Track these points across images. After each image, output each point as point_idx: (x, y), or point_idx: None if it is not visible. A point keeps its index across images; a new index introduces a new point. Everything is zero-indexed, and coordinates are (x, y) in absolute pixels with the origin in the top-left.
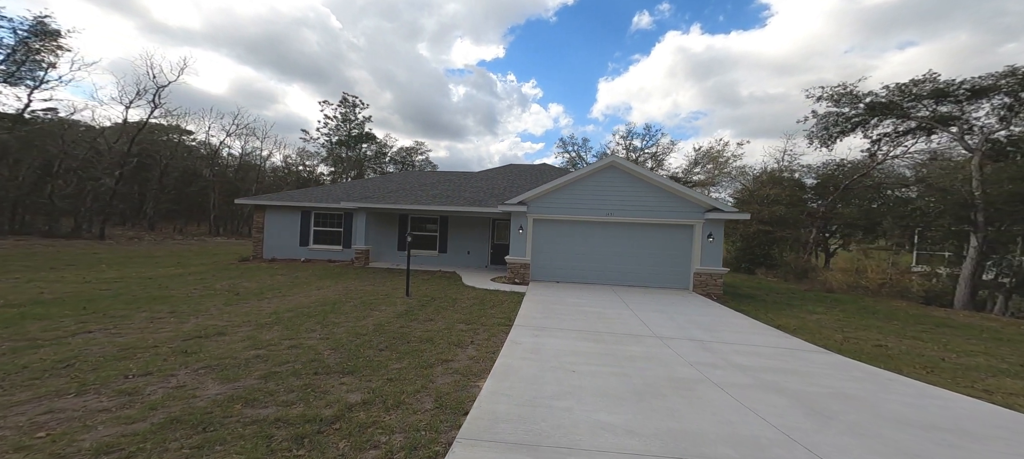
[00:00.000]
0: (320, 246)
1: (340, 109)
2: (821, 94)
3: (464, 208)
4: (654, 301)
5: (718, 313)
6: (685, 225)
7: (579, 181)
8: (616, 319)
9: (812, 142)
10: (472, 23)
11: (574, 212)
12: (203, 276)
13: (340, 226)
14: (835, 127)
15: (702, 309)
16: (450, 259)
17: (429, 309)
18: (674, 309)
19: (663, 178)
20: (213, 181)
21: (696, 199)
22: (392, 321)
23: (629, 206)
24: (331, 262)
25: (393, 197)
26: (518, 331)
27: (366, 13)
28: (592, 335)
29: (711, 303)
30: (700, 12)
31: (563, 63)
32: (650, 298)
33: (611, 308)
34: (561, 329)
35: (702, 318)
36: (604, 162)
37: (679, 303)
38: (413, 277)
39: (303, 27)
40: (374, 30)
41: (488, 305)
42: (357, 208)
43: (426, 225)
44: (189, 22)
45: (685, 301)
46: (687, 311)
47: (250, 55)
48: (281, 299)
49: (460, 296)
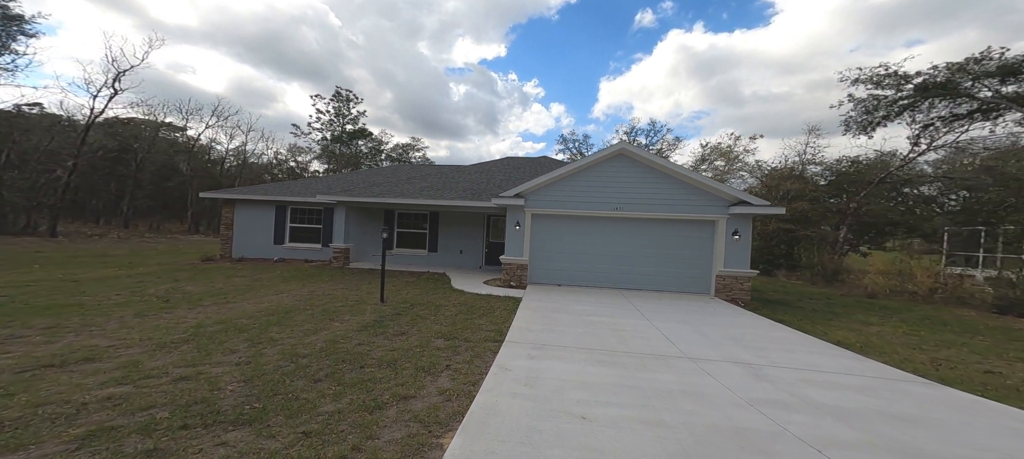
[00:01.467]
0: (297, 244)
1: (333, 103)
2: (858, 76)
3: (454, 202)
4: (673, 309)
5: (755, 324)
6: (706, 221)
7: (584, 171)
8: (632, 333)
9: (848, 129)
10: (473, 22)
11: (578, 206)
12: (145, 279)
13: (319, 223)
14: (877, 111)
15: (733, 319)
16: (441, 259)
17: (404, 319)
18: (700, 319)
19: (681, 167)
20: (191, 176)
21: (720, 191)
22: (351, 336)
23: (641, 199)
24: (308, 262)
25: (377, 190)
26: (510, 350)
27: (365, 11)
28: (606, 356)
29: (741, 311)
30: (703, 10)
31: (564, 62)
32: (668, 305)
33: (624, 317)
34: (565, 347)
35: (738, 331)
36: (612, 149)
37: (703, 311)
38: (396, 279)
39: (301, 25)
40: (373, 28)
41: (477, 313)
42: (336, 202)
43: (414, 222)
44: (186, 20)
45: (710, 309)
46: (716, 322)
47: (249, 53)
48: (221, 307)
49: (445, 302)
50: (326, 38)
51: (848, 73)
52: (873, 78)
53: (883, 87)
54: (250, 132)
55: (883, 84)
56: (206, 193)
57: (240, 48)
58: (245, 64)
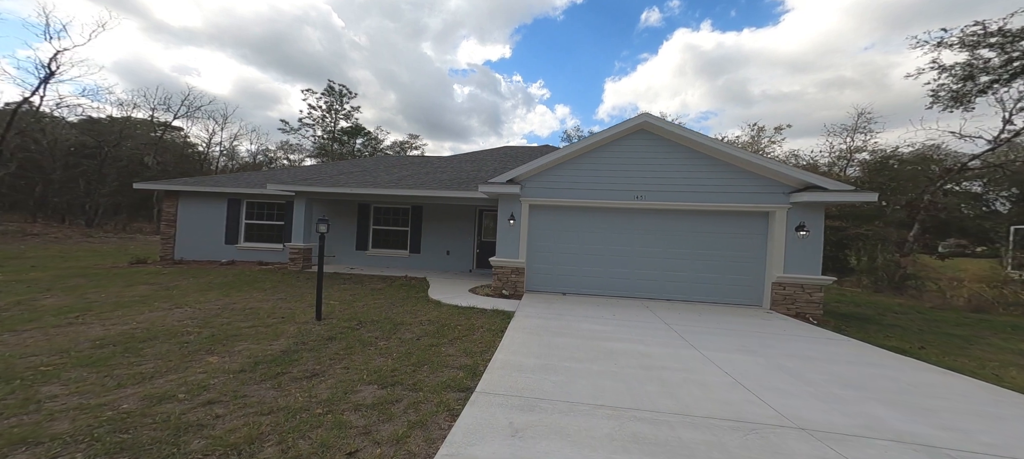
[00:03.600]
0: (254, 244)
1: (325, 98)
2: (942, 39)
3: (438, 193)
4: (723, 329)
5: (863, 356)
6: (757, 212)
7: (595, 151)
8: (679, 372)
9: (935, 101)
10: (478, 22)
11: (588, 195)
12: (33, 285)
13: (281, 219)
14: (984, 76)
15: (822, 347)
16: (424, 261)
17: (333, 348)
18: (772, 347)
19: (724, 143)
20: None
21: (779, 174)
22: (213, 384)
23: (670, 185)
24: (262, 264)
25: (343, 180)
26: (479, 415)
27: (368, 12)
28: (646, 425)
29: (822, 332)
30: (711, 9)
31: (569, 63)
32: (713, 323)
33: (657, 343)
34: (573, 406)
35: (847, 369)
36: (632, 122)
37: (768, 332)
38: (361, 286)
39: (305, 25)
40: (377, 29)
41: (448, 337)
42: (294, 193)
43: (393, 218)
44: (191, 21)
45: (775, 329)
46: (799, 351)
47: (255, 55)
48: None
49: (410, 319)
50: (330, 39)
51: (927, 36)
52: (966, 40)
53: (986, 44)
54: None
55: (980, 45)
56: (141, 184)
57: (246, 50)
58: (251, 66)
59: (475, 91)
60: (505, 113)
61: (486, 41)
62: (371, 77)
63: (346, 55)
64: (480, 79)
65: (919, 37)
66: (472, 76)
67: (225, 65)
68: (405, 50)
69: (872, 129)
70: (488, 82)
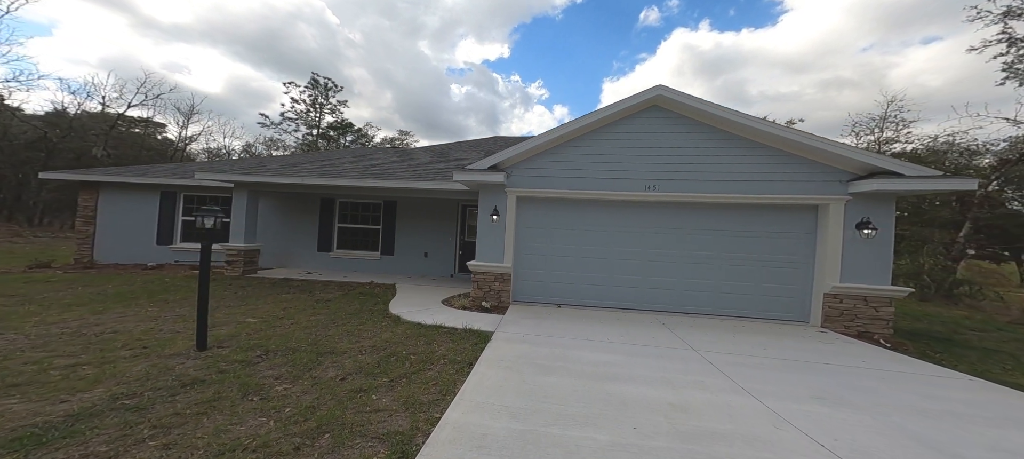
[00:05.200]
0: (193, 244)
1: (309, 92)
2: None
3: (407, 183)
4: (776, 358)
5: (1003, 402)
6: (803, 206)
7: (597, 132)
8: (742, 449)
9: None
10: (476, 21)
11: (588, 185)
12: None
13: (228, 216)
14: None
15: (936, 389)
16: (398, 264)
17: (186, 401)
18: (862, 389)
19: (760, 120)
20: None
21: (835, 156)
22: None
23: (690, 172)
24: (196, 269)
25: (295, 170)
26: None
27: (364, 10)
28: None
29: (912, 363)
30: (710, 9)
31: (568, 62)
32: (757, 348)
33: (692, 385)
34: None
35: (1008, 434)
36: (643, 96)
37: (840, 363)
38: (310, 295)
39: (299, 21)
40: (372, 27)
41: (389, 377)
42: (233, 184)
43: (363, 215)
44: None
45: (846, 357)
46: (907, 398)
47: (249, 53)
48: None
49: (347, 345)
50: (324, 36)
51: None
52: None
53: None
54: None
55: None
56: (48, 173)
57: (239, 47)
58: (244, 63)
59: (473, 90)
60: (503, 113)
61: (484, 40)
62: (367, 75)
63: (341, 53)
64: (478, 78)
65: (979, 7)
66: (469, 75)
67: (218, 62)
68: (401, 49)
69: (904, 119)
70: (486, 81)
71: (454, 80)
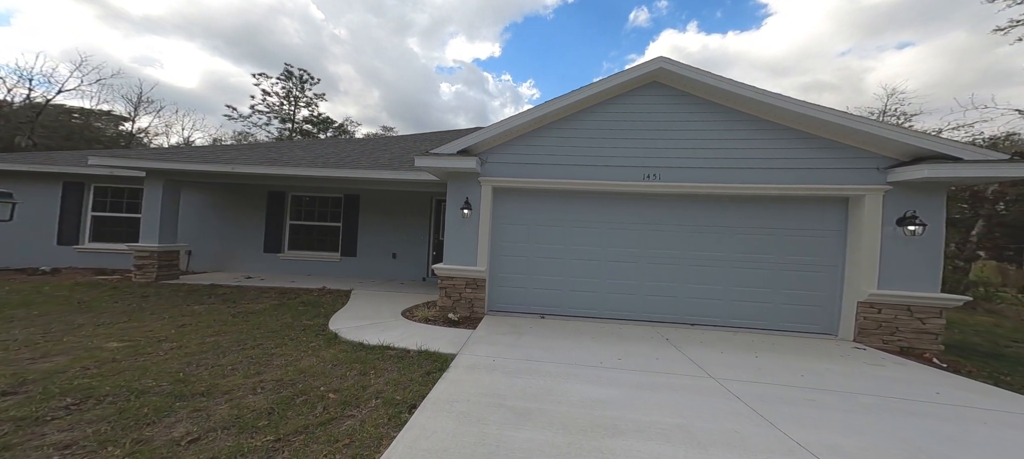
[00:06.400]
0: (105, 245)
1: (282, 84)
2: None
3: (368, 173)
4: (817, 388)
5: None
6: (830, 197)
7: (587, 111)
8: None
9: None
10: (467, 20)
11: (576, 172)
12: None
13: None
14: None
15: None
16: (362, 266)
17: None
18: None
19: (779, 96)
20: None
21: (872, 137)
22: None
23: (696, 159)
24: (102, 274)
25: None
26: None
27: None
28: None
29: (988, 391)
30: (698, 10)
31: (559, 62)
32: (792, 375)
33: (720, 438)
34: None
35: None
36: (644, 69)
37: (907, 395)
38: (234, 304)
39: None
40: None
41: (281, 430)
42: (145, 172)
43: (320, 210)
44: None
45: (909, 386)
46: None
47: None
48: None
49: (241, 379)
50: (308, 31)
51: None
52: None
53: None
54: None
55: None
56: None
57: (218, 41)
58: (224, 58)
59: (462, 89)
60: (494, 111)
61: (475, 39)
62: (354, 73)
63: (327, 49)
64: (467, 76)
65: None
66: (459, 74)
67: (195, 57)
68: (390, 46)
69: (906, 112)
70: (475, 80)
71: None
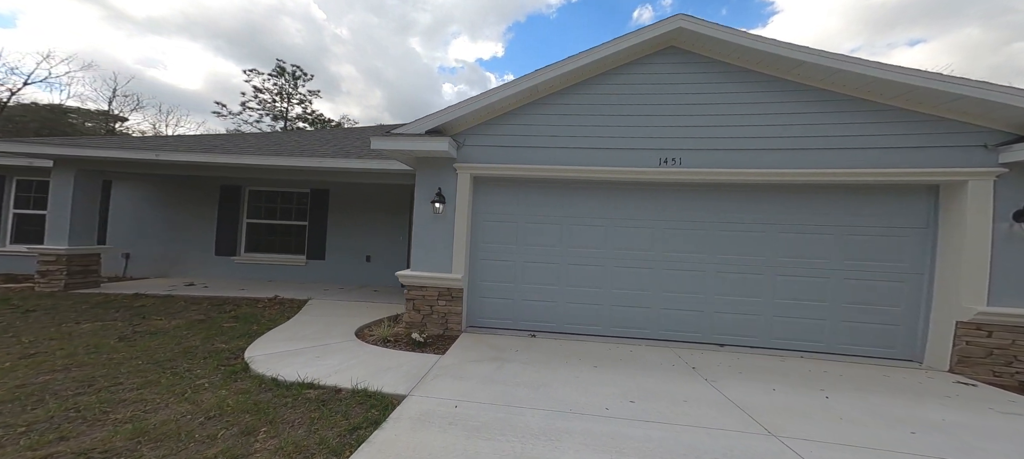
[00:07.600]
0: (29, 246)
1: (274, 80)
2: None
3: (331, 163)
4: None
5: None
6: (912, 185)
7: (589, 83)
8: None
9: None
10: (469, 19)
11: (575, 157)
12: None
13: None
14: None
15: None
16: (331, 271)
17: None
18: None
19: (837, 57)
20: None
21: (973, 102)
22: None
23: (727, 138)
24: (12, 283)
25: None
26: None
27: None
28: None
29: None
30: (703, 8)
31: None
32: (895, 427)
33: None
34: None
35: None
36: (657, 30)
37: None
38: (146, 319)
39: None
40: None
41: None
42: (52, 159)
43: (283, 207)
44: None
45: None
46: None
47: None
48: None
49: (6, 455)
50: (310, 31)
51: None
52: None
53: None
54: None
55: None
56: None
57: (220, 41)
58: (228, 59)
59: (465, 89)
60: None
61: (478, 38)
62: (356, 73)
63: (328, 49)
64: (470, 76)
65: None
66: (462, 73)
67: (199, 58)
68: (391, 46)
69: None
70: (478, 80)
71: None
